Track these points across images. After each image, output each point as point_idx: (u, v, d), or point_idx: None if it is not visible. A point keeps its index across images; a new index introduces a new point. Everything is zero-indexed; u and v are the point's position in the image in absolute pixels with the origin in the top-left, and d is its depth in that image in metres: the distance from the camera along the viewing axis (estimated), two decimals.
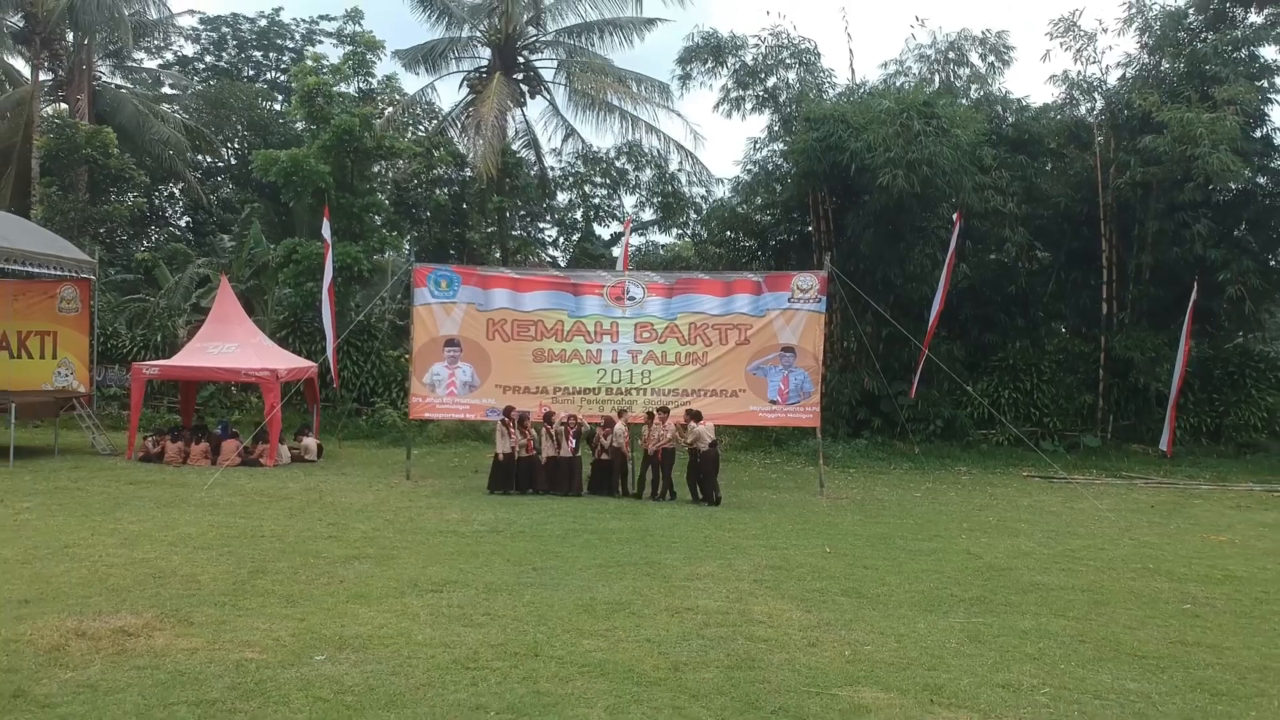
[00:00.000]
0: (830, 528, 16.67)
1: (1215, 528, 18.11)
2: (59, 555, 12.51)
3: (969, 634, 10.39)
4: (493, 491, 19.15)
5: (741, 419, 21.39)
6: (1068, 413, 28.90)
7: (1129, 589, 12.78)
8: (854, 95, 28.68)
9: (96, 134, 31.53)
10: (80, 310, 24.00)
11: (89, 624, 9.46)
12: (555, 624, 10.13)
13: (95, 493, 17.59)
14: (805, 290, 20.69)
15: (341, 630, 9.67)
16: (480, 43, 31.59)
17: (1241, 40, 27.27)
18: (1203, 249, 26.14)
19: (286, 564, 12.45)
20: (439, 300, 20.83)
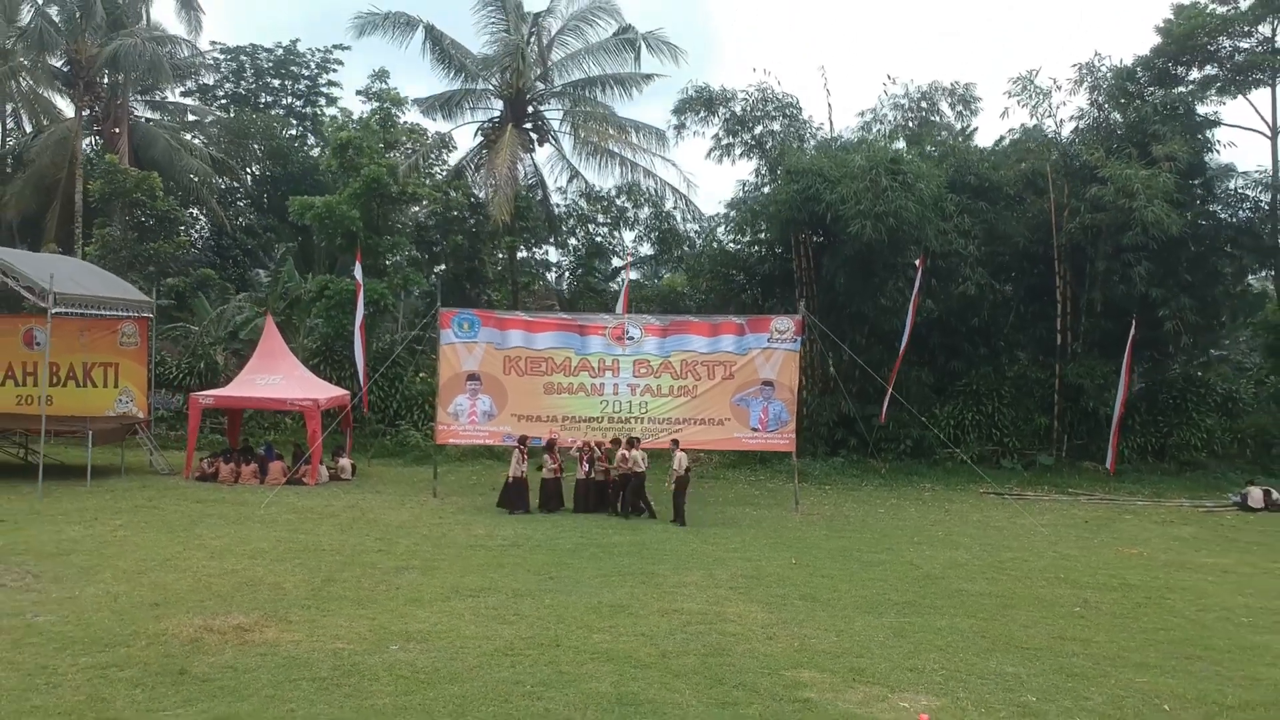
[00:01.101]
0: (799, 541, 19.46)
1: (1132, 541, 20.90)
2: (164, 567, 15.28)
3: (894, 630, 13.18)
4: (500, 508, 21.80)
5: (727, 444, 24.20)
6: (1025, 433, 31.65)
7: (1035, 595, 15.57)
8: (832, 145, 31.51)
9: (145, 179, 34.35)
10: (139, 344, 26.78)
11: (212, 622, 12.24)
12: (570, 622, 12.92)
13: (171, 511, 20.35)
14: (783, 332, 23.53)
15: (406, 627, 12.46)
16: (493, 94, 34.38)
17: (1179, 99, 30.09)
18: (1144, 288, 28.92)
19: (350, 574, 15.24)
20: (462, 340, 23.65)
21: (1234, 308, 33.09)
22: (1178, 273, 29.76)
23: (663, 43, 33.28)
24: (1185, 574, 17.62)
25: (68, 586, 13.88)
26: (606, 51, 33.72)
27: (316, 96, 62.37)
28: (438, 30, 33.31)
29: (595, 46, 33.84)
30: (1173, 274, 29.67)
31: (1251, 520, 24.53)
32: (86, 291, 23.27)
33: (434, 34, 33.27)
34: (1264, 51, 31.66)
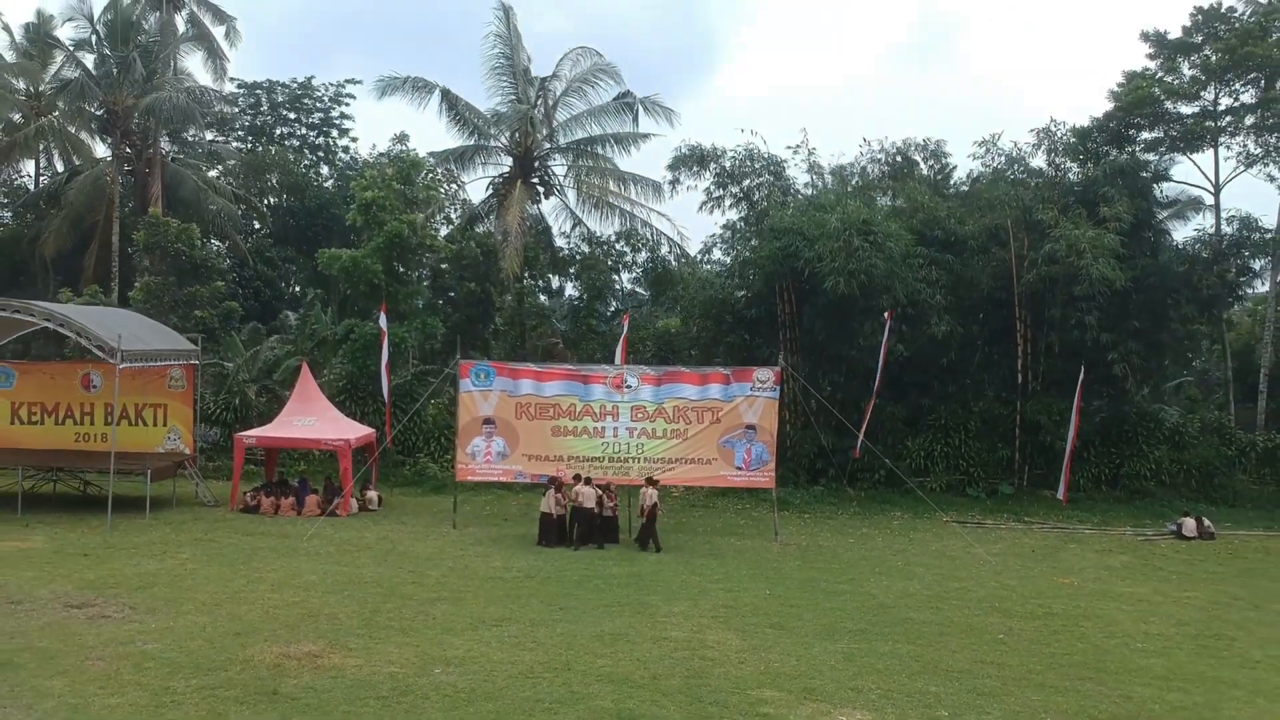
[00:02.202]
0: (775, 572, 22.20)
1: (1068, 571, 23.65)
2: (235, 599, 18.02)
3: (844, 655, 15.93)
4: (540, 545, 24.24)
5: (714, 481, 26.95)
6: (989, 464, 34.41)
7: (969, 623, 18.32)
8: (813, 200, 34.29)
9: (185, 230, 37.14)
10: (186, 387, 29.53)
11: (288, 649, 14.98)
12: (578, 649, 15.66)
13: (226, 544, 23.08)
14: (764, 382, 26.31)
15: (444, 653, 15.20)
16: (503, 151, 37.27)
17: (1127, 164, 32.91)
18: (1095, 333, 31.71)
19: (391, 605, 17.99)
20: (479, 389, 26.43)
21: (1178, 350, 35.88)
22: (1126, 319, 32.53)
23: (658, 106, 36.31)
24: (1104, 603, 20.36)
25: (161, 618, 16.61)
26: (607, 113, 36.70)
27: (329, 128, 65.36)
28: (453, 94, 36.33)
29: (597, 109, 36.84)
30: (1121, 321, 32.44)
31: (1182, 549, 27.26)
32: (147, 347, 26.04)
33: (449, 97, 36.26)
34: (1203, 118, 34.55)
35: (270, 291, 53.38)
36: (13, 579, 18.85)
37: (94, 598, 17.71)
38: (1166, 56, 35.41)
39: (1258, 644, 17.62)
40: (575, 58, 37.04)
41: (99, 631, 15.69)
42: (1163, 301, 33.28)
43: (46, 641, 15.06)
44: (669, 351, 36.55)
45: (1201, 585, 22.57)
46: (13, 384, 29.90)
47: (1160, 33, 35.51)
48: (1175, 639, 17.74)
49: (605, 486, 25.21)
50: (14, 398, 29.85)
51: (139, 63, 42.19)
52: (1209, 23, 34.70)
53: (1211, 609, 20.23)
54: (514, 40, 36.51)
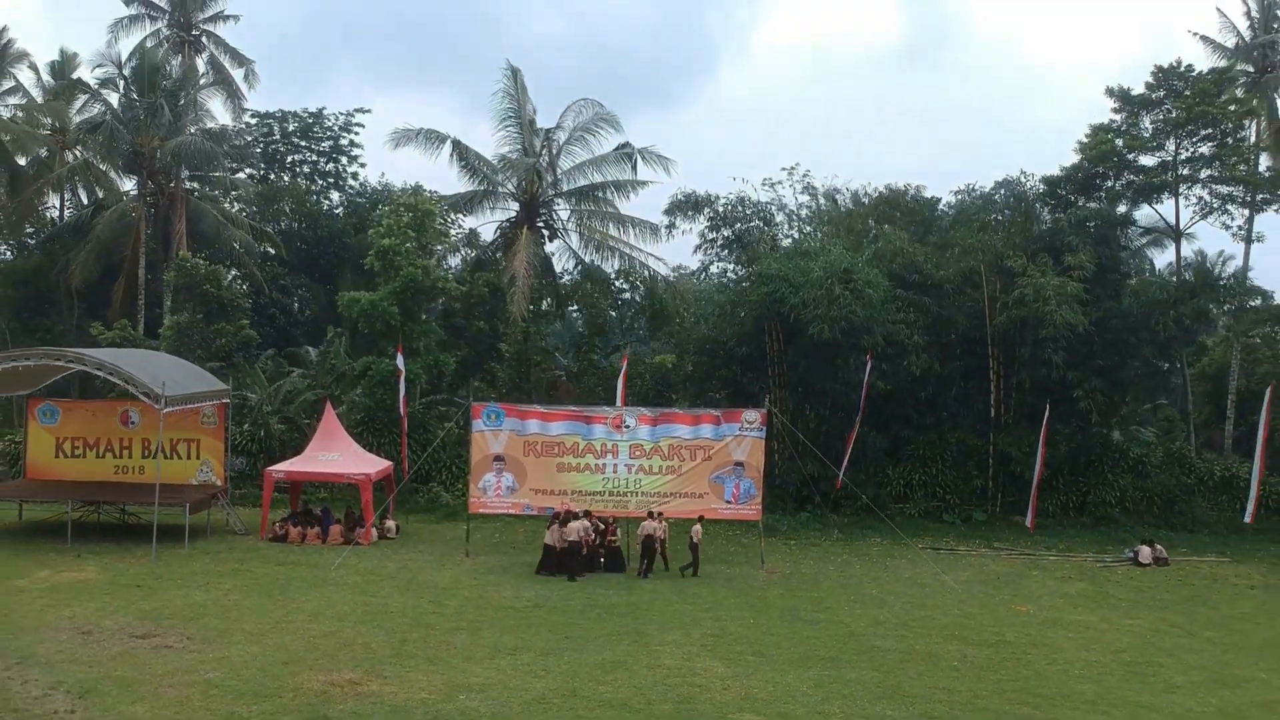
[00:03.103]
0: (759, 601, 24.39)
1: (1028, 598, 25.86)
2: (278, 630, 20.21)
3: (815, 682, 18.13)
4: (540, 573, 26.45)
5: (706, 513, 29.01)
6: (964, 492, 36.66)
7: (929, 651, 20.52)
8: (799, 245, 36.56)
9: (213, 272, 39.41)
10: (217, 423, 31.74)
11: (331, 677, 17.17)
12: (583, 676, 17.85)
13: (262, 574, 25.26)
14: (751, 423, 28.58)
15: (467, 680, 17.39)
16: (510, 196, 39.61)
17: (1093, 214, 35.21)
18: (1062, 372, 33.96)
19: (417, 635, 20.18)
20: (490, 429, 28.67)
21: (1139, 386, 38.16)
22: (1091, 358, 34.79)
23: (655, 156, 38.62)
24: (1053, 630, 22.55)
25: (216, 647, 18.80)
26: (607, 162, 39.04)
27: (339, 155, 67.60)
28: (463, 145, 38.73)
29: (598, 158, 39.19)
30: (1087, 359, 34.70)
31: (1136, 575, 29.48)
32: (186, 391, 28.25)
33: (459, 147, 38.69)
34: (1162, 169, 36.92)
35: (285, 318, 55.64)
36: (79, 610, 21.04)
37: (154, 628, 19.89)
38: (1130, 111, 37.74)
39: (1182, 670, 19.83)
40: (578, 108, 39.43)
41: (165, 661, 17.88)
42: (1125, 342, 35.52)
43: (121, 670, 17.25)
44: (665, 386, 38.80)
45: (1145, 612, 24.77)
46: (57, 420, 32.10)
47: (1125, 89, 37.88)
48: (1110, 666, 19.94)
49: (605, 520, 27.43)
50: (58, 433, 32.05)
51: (166, 109, 44.37)
52: (1168, 80, 37.07)
53: (1149, 636, 22.44)
54: (520, 95, 38.91)
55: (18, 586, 23.03)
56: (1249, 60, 44.25)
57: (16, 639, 18.87)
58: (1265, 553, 33.46)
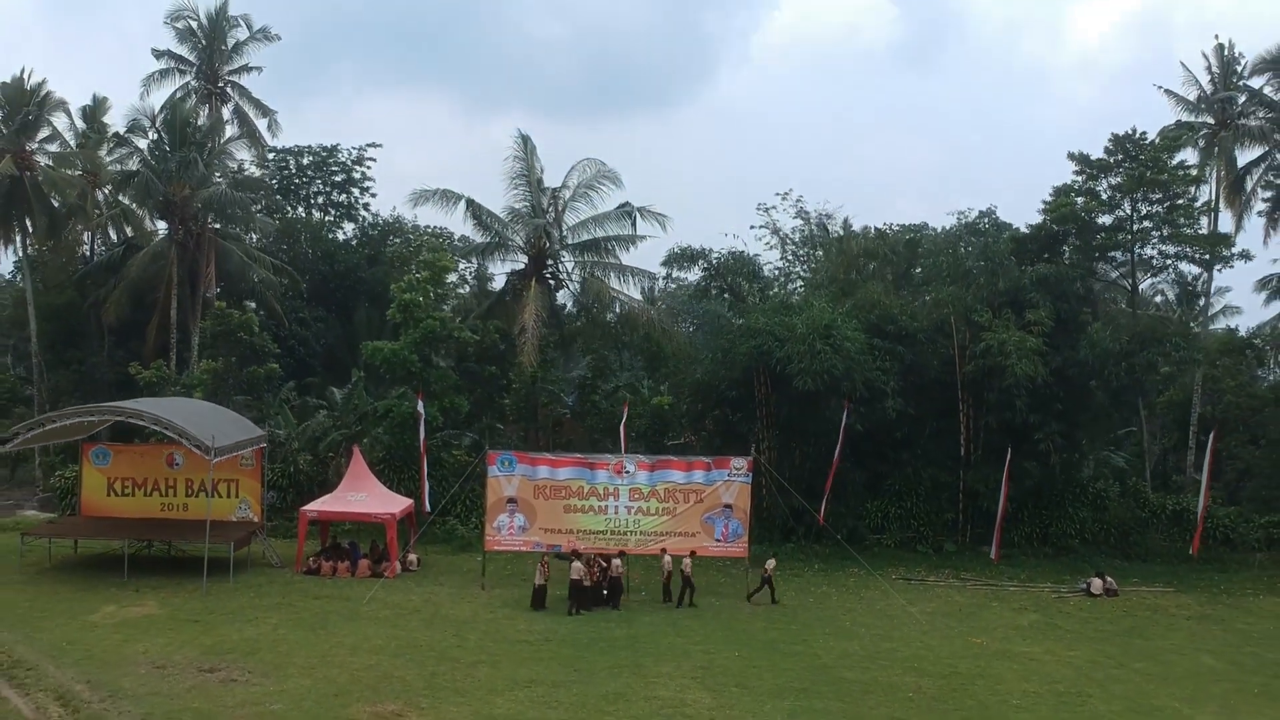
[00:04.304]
0: (744, 634, 27.29)
1: (984, 630, 28.74)
2: (325, 663, 23.11)
3: (788, 712, 21.04)
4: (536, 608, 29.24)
5: (697, 551, 32.03)
6: (936, 524, 39.61)
7: (889, 682, 23.42)
8: (784, 301, 39.57)
9: (246, 320, 42.44)
10: (254, 465, 34.68)
11: (376, 708, 20.10)
12: (589, 707, 20.78)
13: (302, 609, 28.17)
14: (738, 469, 31.58)
15: (492, 711, 20.31)
16: (519, 249, 42.76)
17: (1053, 273, 38.21)
18: (1024, 416, 36.90)
19: (444, 668, 23.09)
20: (503, 474, 31.66)
21: (1096, 427, 41.14)
22: (1051, 403, 37.66)
23: (653, 213, 41.88)
24: (1001, 662, 25.46)
25: (274, 681, 21.71)
26: (609, 219, 42.22)
27: (352, 186, 70.68)
28: (476, 203, 41.98)
29: (601, 216, 42.35)
30: (1047, 404, 37.53)
31: (1086, 606, 32.34)
32: (231, 441, 31.24)
33: (473, 206, 41.95)
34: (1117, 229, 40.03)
35: (304, 349, 58.55)
36: (149, 645, 23.96)
37: (218, 662, 22.81)
38: (1089, 175, 40.81)
39: (1106, 699, 22.73)
40: (582, 167, 42.60)
41: (233, 693, 20.82)
42: (1082, 388, 38.48)
43: (198, 703, 20.19)
44: (662, 425, 41.76)
45: (1086, 644, 27.66)
46: (109, 462, 35.07)
47: (1085, 154, 40.99)
48: (1044, 696, 22.84)
49: (607, 559, 30.35)
50: (110, 474, 35.00)
51: (199, 162, 47.36)
52: (1122, 147, 40.15)
53: (1084, 667, 25.32)
54: (530, 158, 42.16)
55: (92, 622, 25.98)
56: (1210, 112, 47.29)
57: (103, 673, 21.80)
58: (1208, 581, 36.33)
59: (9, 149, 49.23)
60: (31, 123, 50.67)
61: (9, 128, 49.79)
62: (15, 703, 19.89)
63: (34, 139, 51.35)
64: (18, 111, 49.90)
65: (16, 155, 49.35)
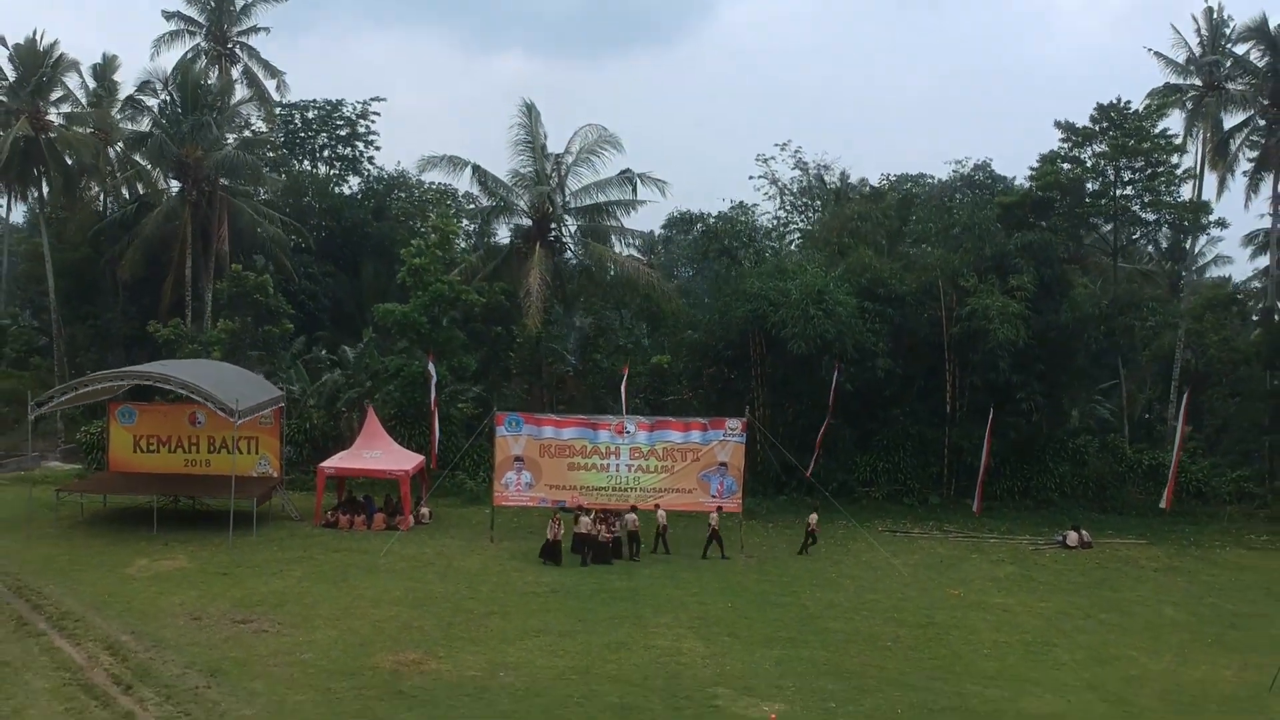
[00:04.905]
0: (738, 586, 28.97)
1: (962, 582, 30.42)
2: (348, 615, 24.79)
3: (776, 660, 22.76)
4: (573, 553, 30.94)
5: (695, 507, 33.60)
6: (923, 479, 41.30)
7: (870, 631, 25.13)
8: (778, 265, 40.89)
9: (261, 282, 43.82)
10: (273, 424, 36.26)
11: (398, 658, 21.78)
12: (593, 656, 22.47)
13: (322, 561, 29.84)
14: (733, 429, 33.15)
15: (504, 659, 22.02)
16: (523, 213, 44.07)
17: (1037, 239, 39.51)
18: (1007, 376, 38.41)
19: (460, 619, 24.80)
20: (510, 434, 33.24)
21: (1073, 389, 42.71)
22: (1033, 364, 39.17)
23: (653, 179, 43.10)
24: (976, 613, 27.18)
25: (303, 632, 23.41)
26: (611, 185, 43.42)
27: (356, 140, 71.51)
28: (482, 169, 43.20)
29: (602, 181, 43.54)
30: (1029, 365, 39.05)
31: (1061, 559, 34.03)
32: (253, 403, 32.80)
33: (479, 171, 43.21)
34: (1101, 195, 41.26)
35: (313, 304, 59.87)
36: (185, 598, 25.63)
37: (249, 614, 24.50)
38: (1075, 143, 41.97)
39: (1070, 649, 24.44)
40: (585, 133, 43.72)
41: (266, 643, 22.52)
42: (1064, 350, 39.98)
43: (235, 652, 21.88)
44: (661, 383, 43.33)
45: (1058, 596, 29.36)
46: (134, 420, 36.63)
47: (1071, 123, 42.10)
48: (1013, 646, 24.56)
49: (609, 514, 32.02)
50: (135, 431, 36.57)
51: (212, 126, 48.42)
52: (1107, 115, 41.27)
53: (1054, 618, 27.01)
54: (534, 125, 43.22)
55: (128, 575, 27.69)
56: (1198, 74, 48.25)
57: (144, 624, 23.49)
58: (1179, 534, 38.03)
59: (24, 110, 50.29)
60: (45, 84, 51.67)
61: (24, 90, 50.73)
62: (69, 652, 21.57)
63: (48, 100, 52.39)
64: (32, 74, 50.84)
65: (32, 116, 50.44)
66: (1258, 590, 31.00)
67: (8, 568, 27.87)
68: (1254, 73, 45.10)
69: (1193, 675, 23.01)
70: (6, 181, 53.21)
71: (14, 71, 51.18)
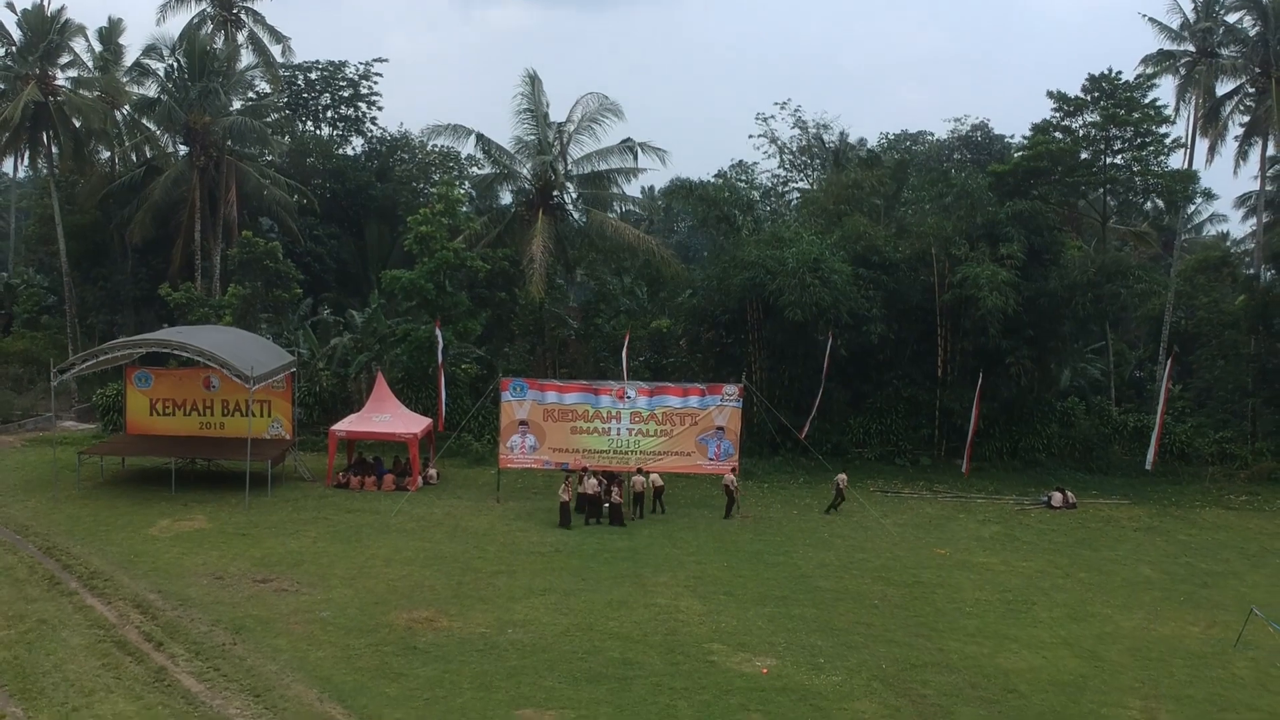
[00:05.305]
0: (733, 546, 30.15)
1: (948, 541, 31.63)
2: (363, 574, 26.00)
3: (769, 617, 23.97)
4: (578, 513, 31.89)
5: (693, 469, 34.75)
6: (914, 440, 42.44)
7: (858, 590, 26.35)
8: (776, 232, 41.73)
9: (272, 249, 44.72)
10: (285, 388, 37.32)
11: (411, 615, 23.00)
12: (596, 613, 23.66)
13: (336, 521, 31.03)
14: (730, 395, 34.22)
15: (511, 617, 23.22)
16: (526, 181, 44.87)
17: (1027, 209, 40.33)
18: (997, 341, 39.42)
19: (469, 577, 26.00)
20: (515, 399, 34.32)
21: (1061, 354, 43.77)
22: (1022, 329, 40.16)
23: (653, 148, 43.89)
24: (960, 572, 28.40)
25: (320, 590, 24.61)
26: (612, 153, 44.21)
27: (359, 101, 71.98)
28: (486, 137, 44.01)
29: (605, 150, 44.34)
30: (1018, 330, 40.04)
31: (1045, 519, 35.21)
32: (268, 369, 33.86)
33: (483, 139, 44.02)
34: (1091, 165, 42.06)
35: (319, 266, 60.76)
36: (206, 558, 26.82)
37: (269, 574, 25.70)
38: (1067, 112, 42.69)
39: (1049, 607, 25.66)
40: (586, 101, 44.37)
41: (286, 602, 23.73)
42: (1052, 316, 40.96)
43: (257, 610, 23.08)
44: (661, 347, 44.37)
45: (1039, 555, 30.58)
46: (151, 384, 37.68)
47: (1062, 93, 42.85)
48: (994, 604, 25.78)
49: (611, 475, 33.18)
50: (152, 395, 37.63)
51: (220, 93, 49.06)
52: (1098, 86, 41.96)
53: (1034, 577, 28.22)
54: (537, 96, 43.90)
55: (151, 535, 28.87)
56: (1192, 40, 48.83)
57: (170, 583, 24.69)
58: (1161, 494, 39.18)
59: (34, 75, 50.86)
60: (53, 49, 52.17)
61: (32, 54, 51.26)
62: (100, 610, 22.78)
63: (56, 64, 52.94)
64: (41, 38, 51.34)
65: (41, 81, 51.01)
66: (1232, 550, 32.17)
67: (37, 528, 29.08)
68: (1244, 41, 45.67)
69: (1162, 632, 24.22)
70: (17, 146, 53.85)
71: (22, 36, 51.67)
